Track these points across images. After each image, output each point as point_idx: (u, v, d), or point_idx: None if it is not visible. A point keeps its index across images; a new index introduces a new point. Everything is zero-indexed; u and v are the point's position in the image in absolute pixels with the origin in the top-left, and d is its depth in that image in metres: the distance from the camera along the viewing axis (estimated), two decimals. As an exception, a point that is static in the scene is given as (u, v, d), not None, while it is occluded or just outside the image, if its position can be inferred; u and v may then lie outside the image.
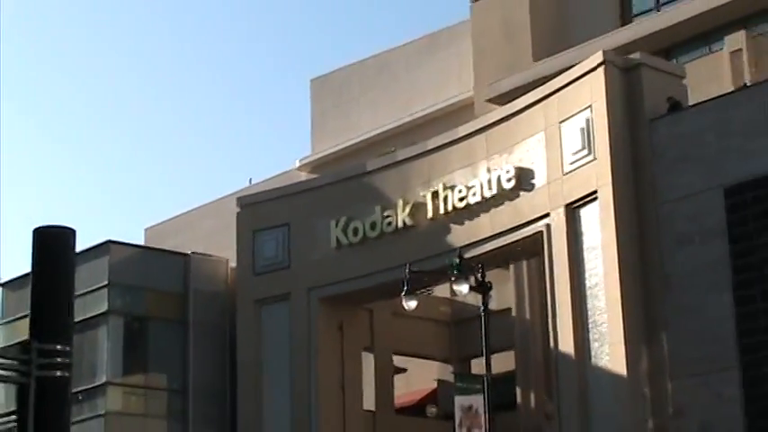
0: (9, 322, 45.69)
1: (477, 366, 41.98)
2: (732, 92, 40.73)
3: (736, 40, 45.09)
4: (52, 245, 6.66)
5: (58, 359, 6.45)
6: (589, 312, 39.38)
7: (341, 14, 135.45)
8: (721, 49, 45.72)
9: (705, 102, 39.63)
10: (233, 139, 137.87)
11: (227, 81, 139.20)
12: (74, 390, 7.10)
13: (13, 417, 6.44)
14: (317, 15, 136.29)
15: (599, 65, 39.79)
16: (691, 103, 40.09)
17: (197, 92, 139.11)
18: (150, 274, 50.55)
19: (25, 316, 6.65)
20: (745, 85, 41.65)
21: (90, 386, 46.74)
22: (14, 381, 6.43)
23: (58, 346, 6.38)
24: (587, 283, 39.60)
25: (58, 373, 6.43)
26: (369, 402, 49.96)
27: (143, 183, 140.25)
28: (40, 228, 6.68)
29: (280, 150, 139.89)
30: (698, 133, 38.32)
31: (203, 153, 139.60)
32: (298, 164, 61.05)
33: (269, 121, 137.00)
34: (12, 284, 43.02)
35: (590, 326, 39.30)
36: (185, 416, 49.46)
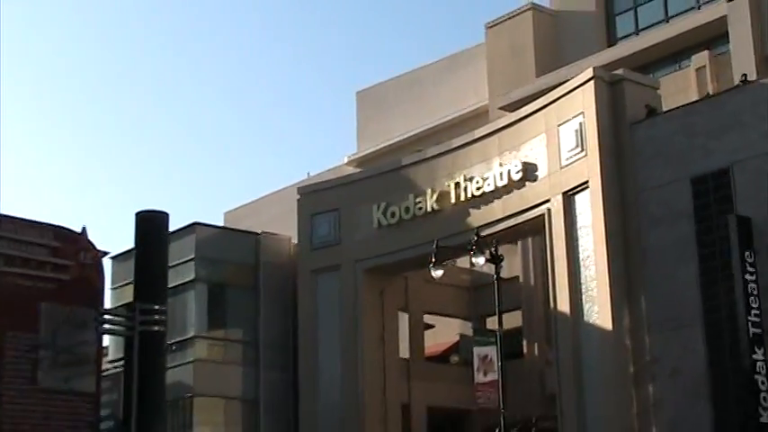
0: (117, 288, 45.95)
1: (491, 323, 41.83)
2: (697, 101, 40.64)
3: (701, 58, 45.09)
4: (151, 226, 6.76)
5: (156, 317, 6.54)
6: (582, 279, 39.36)
7: (381, 41, 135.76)
8: (689, 66, 45.68)
9: (675, 109, 39.57)
10: (295, 140, 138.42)
11: (292, 94, 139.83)
12: (168, 341, 7.10)
13: (121, 362, 6.51)
14: (362, 42, 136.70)
15: (589, 79, 39.72)
16: (664, 110, 40.01)
17: (268, 103, 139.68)
18: (228, 249, 50.70)
19: (129, 283, 6.70)
20: (708, 95, 41.57)
21: (181, 339, 46.99)
22: (122, 334, 6.50)
23: (156, 306, 6.47)
24: (580, 256, 39.58)
25: (156, 328, 6.51)
26: (404, 352, 50.01)
27: (223, 176, 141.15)
28: (141, 212, 6.76)
29: (332, 149, 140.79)
30: (669, 134, 38.24)
31: (272, 151, 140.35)
32: (346, 160, 61.02)
33: (324, 125, 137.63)
34: (119, 258, 43.30)
35: (582, 290, 39.28)
36: (257, 362, 49.64)
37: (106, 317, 6.43)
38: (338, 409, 46.97)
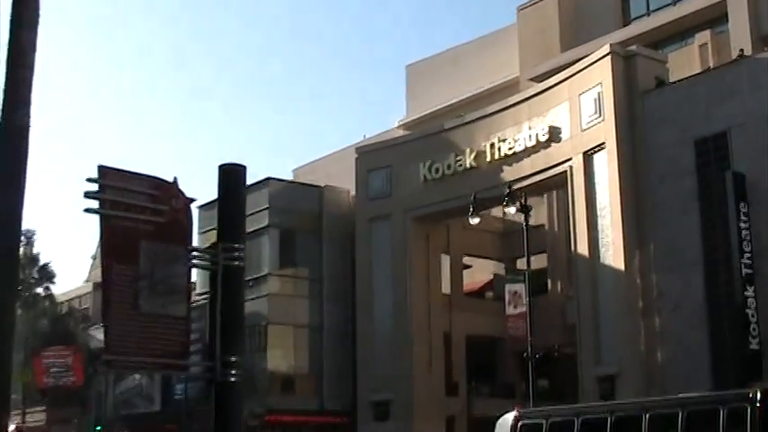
0: (203, 233, 46.26)
1: (521, 264, 41.95)
2: (700, 73, 40.41)
3: (704, 36, 44.72)
4: (231, 176, 6.98)
5: (236, 254, 6.76)
6: (598, 227, 39.39)
7: (427, 23, 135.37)
8: (693, 43, 45.29)
9: (681, 80, 39.39)
10: (354, 107, 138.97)
11: (353, 69, 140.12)
12: (246, 278, 7.31)
13: (207, 295, 6.78)
14: (411, 24, 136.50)
15: (606, 54, 39.61)
16: (671, 81, 39.80)
17: (332, 77, 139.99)
18: (296, 200, 51.03)
19: (213, 228, 6.93)
20: (709, 68, 41.27)
21: (257, 276, 47.42)
22: (208, 268, 6.74)
23: (236, 245, 6.69)
24: (597, 207, 39.59)
25: (236, 263, 6.73)
26: (446, 288, 50.26)
27: (293, 139, 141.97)
28: (222, 165, 6.98)
29: (385, 115, 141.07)
30: (676, 102, 38.11)
31: (334, 117, 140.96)
32: (397, 124, 61.04)
33: (378, 94, 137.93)
34: (204, 207, 43.54)
35: (599, 236, 39.32)
36: (321, 296, 50.11)
37: (194, 253, 6.67)
38: (390, 336, 47.38)
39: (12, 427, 45.50)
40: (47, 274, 67.53)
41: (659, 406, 21.40)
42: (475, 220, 37.66)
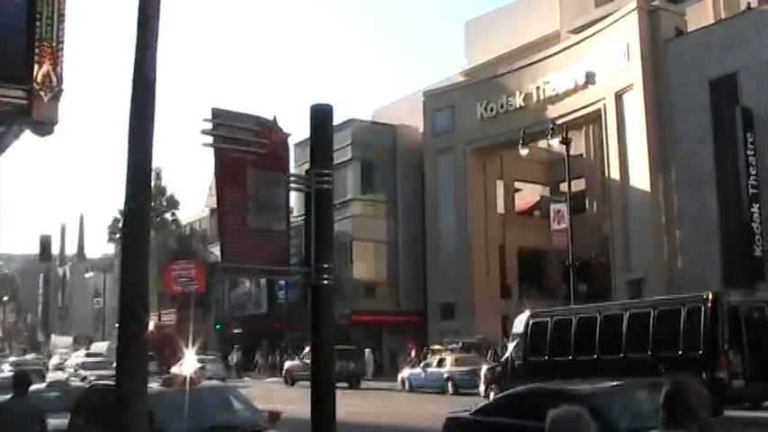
0: (297, 166, 46.65)
1: (563, 187, 41.72)
2: (714, 23, 39.54)
3: (717, -9, 43.74)
4: (321, 114, 7.09)
5: (326, 178, 6.90)
6: (628, 154, 39.22)
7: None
8: (708, -3, 44.30)
9: (697, 30, 38.64)
10: (423, 57, 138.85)
11: (424, 26, 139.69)
12: (334, 202, 7.49)
13: (303, 216, 6.94)
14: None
15: (633, 9, 39.14)
16: (689, 31, 39.07)
17: (406, 33, 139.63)
18: (375, 136, 51.30)
19: (306, 162, 7.10)
20: (721, 19, 40.34)
21: (342, 200, 47.85)
22: (302, 190, 6.92)
23: (326, 171, 6.83)
24: (627, 138, 39.29)
25: (326, 186, 6.89)
26: (500, 209, 50.35)
27: (375, 86, 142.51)
28: (314, 105, 7.08)
29: (448, 63, 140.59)
30: (693, 48, 37.48)
31: (407, 66, 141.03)
32: (458, 71, 60.64)
33: (444, 47, 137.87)
34: (299, 144, 44.06)
35: (629, 162, 39.13)
36: (396, 216, 50.60)
37: (291, 179, 6.82)
38: (454, 249, 47.71)
39: (150, 325, 46.79)
40: (173, 203, 68.68)
41: (636, 306, 22.86)
42: (524, 151, 37.48)
